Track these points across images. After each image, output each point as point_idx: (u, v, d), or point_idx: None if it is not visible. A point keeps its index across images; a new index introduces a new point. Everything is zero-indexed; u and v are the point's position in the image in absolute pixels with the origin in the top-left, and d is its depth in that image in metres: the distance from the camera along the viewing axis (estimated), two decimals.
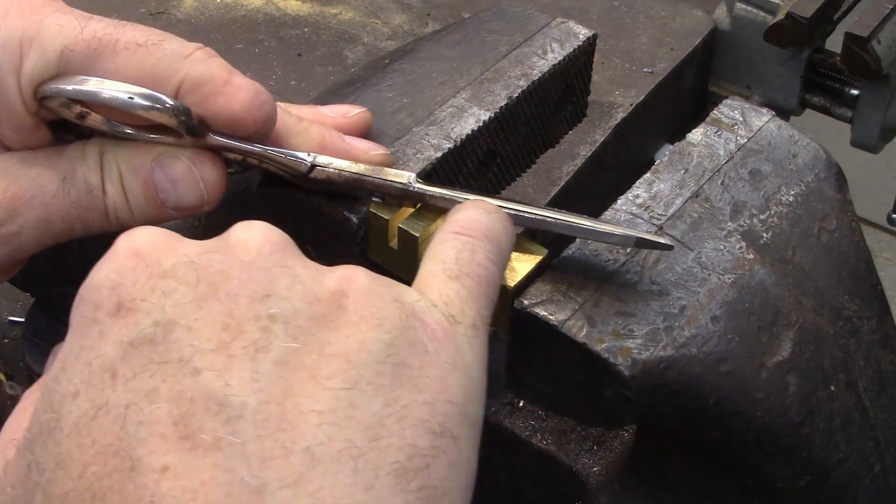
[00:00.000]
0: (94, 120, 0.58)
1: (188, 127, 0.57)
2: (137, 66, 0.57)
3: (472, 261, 0.52)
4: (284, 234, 0.49)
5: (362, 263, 0.62)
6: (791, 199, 0.65)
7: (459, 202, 0.59)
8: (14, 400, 0.97)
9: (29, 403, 0.50)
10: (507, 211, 0.59)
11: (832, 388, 0.62)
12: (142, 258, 0.46)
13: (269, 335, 0.44)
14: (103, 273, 0.46)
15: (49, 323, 0.96)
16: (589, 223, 0.58)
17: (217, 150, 0.60)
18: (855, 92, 0.96)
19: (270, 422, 0.42)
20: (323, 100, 0.69)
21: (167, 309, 0.45)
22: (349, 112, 0.65)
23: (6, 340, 1.01)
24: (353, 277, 0.47)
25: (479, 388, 0.48)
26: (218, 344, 0.44)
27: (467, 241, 0.53)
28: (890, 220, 1.08)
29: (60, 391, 0.44)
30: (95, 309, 0.46)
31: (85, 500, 0.41)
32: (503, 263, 0.54)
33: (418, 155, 0.64)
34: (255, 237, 0.48)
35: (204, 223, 0.70)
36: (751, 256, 0.61)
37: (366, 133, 0.65)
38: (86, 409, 0.43)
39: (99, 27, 0.58)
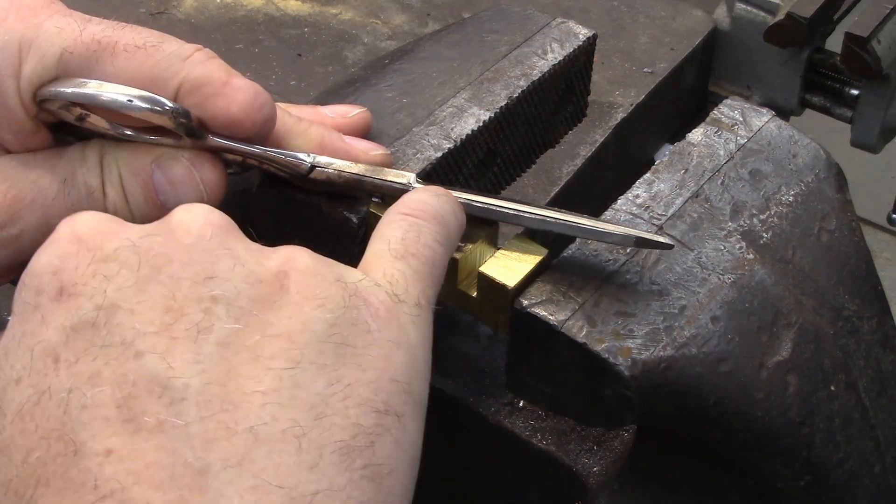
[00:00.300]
0: (94, 122, 0.58)
1: (187, 129, 0.57)
2: (136, 68, 0.57)
3: (418, 241, 0.52)
4: (226, 217, 0.49)
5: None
6: (791, 199, 0.65)
7: (459, 202, 0.59)
8: None
9: None
10: (507, 211, 0.59)
11: (832, 388, 0.62)
12: (83, 243, 0.46)
13: (211, 317, 0.44)
14: (45, 258, 0.47)
15: None
16: (589, 223, 0.58)
17: (217, 152, 0.60)
18: (855, 92, 0.96)
19: (213, 403, 0.43)
20: (323, 100, 0.69)
21: (109, 293, 0.45)
22: (349, 112, 0.65)
23: None
24: (295, 258, 0.48)
25: (423, 366, 0.48)
26: (160, 326, 0.44)
27: (413, 221, 0.53)
28: (890, 220, 1.08)
29: (3, 378, 0.44)
30: (37, 294, 0.46)
31: (29, 486, 0.41)
32: (450, 245, 0.55)
33: (418, 155, 0.64)
34: (196, 220, 0.48)
35: None
36: (751, 256, 0.61)
37: (366, 133, 0.65)
38: (28, 394, 0.43)
39: (98, 29, 0.58)
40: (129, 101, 0.57)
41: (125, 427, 0.42)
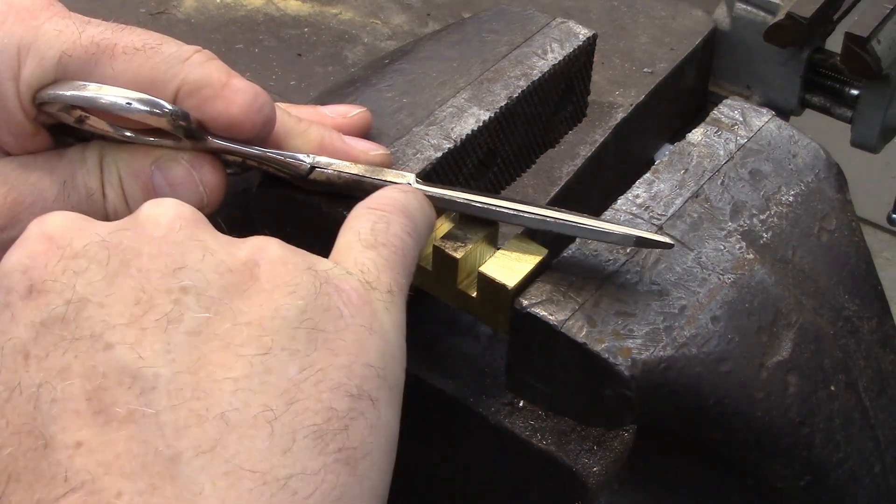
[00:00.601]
0: (94, 124, 0.58)
1: (187, 131, 0.57)
2: (135, 70, 0.57)
3: (388, 231, 0.53)
4: (195, 210, 0.49)
5: None
6: (791, 199, 0.65)
7: (459, 202, 0.59)
8: None
9: None
10: (507, 211, 0.59)
11: (832, 388, 0.62)
12: (53, 241, 0.47)
13: (181, 307, 0.45)
14: (15, 258, 0.47)
15: None
16: (588, 222, 0.58)
17: (216, 153, 0.60)
18: (855, 92, 0.96)
19: (184, 391, 0.43)
20: (323, 100, 0.69)
21: (78, 287, 0.45)
22: (349, 112, 0.65)
23: None
24: (265, 247, 0.48)
25: (397, 351, 0.49)
26: (130, 318, 0.44)
27: (381, 214, 0.54)
28: (890, 220, 1.08)
29: None
30: (7, 293, 0.46)
31: (1, 482, 0.42)
32: (419, 238, 0.55)
33: (418, 155, 0.64)
34: (165, 213, 0.48)
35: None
36: (751, 256, 0.61)
37: (366, 133, 0.65)
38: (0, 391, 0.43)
39: (97, 32, 0.58)
40: (127, 103, 0.57)
41: (95, 419, 0.42)
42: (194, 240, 0.47)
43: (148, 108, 0.57)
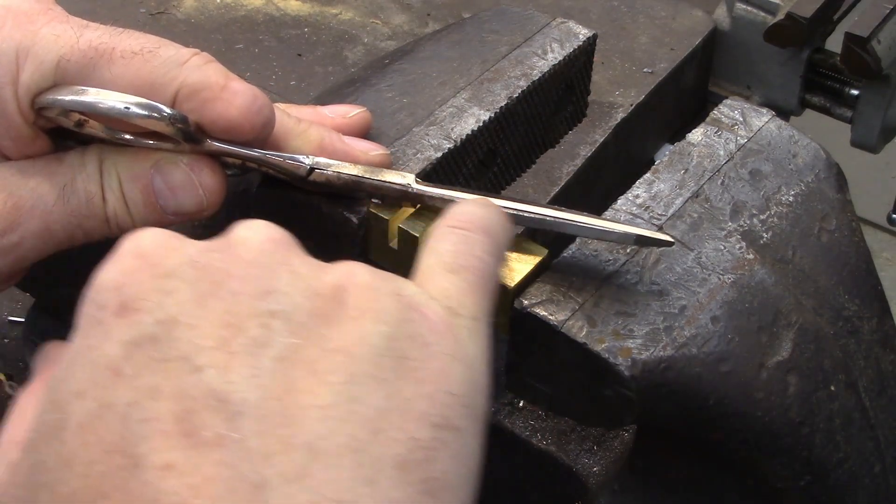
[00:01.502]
0: (93, 127, 0.58)
1: (185, 134, 0.57)
2: (134, 74, 0.57)
3: (470, 254, 0.52)
4: (286, 232, 0.49)
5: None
6: (791, 199, 0.65)
7: (459, 202, 0.59)
8: (14, 400, 0.97)
9: (27, 404, 0.50)
10: (507, 211, 0.59)
11: (832, 388, 0.62)
12: (145, 259, 0.47)
13: (269, 331, 0.44)
14: (108, 274, 0.47)
15: (49, 323, 0.96)
16: (588, 221, 0.58)
17: (216, 155, 0.60)
18: (855, 92, 0.96)
19: (271, 417, 0.42)
20: (323, 100, 0.69)
21: (169, 308, 0.45)
22: (349, 112, 0.65)
23: (6, 340, 1.01)
24: (353, 272, 0.47)
25: (481, 379, 0.48)
26: (219, 341, 0.44)
27: (463, 234, 0.53)
28: (890, 220, 1.08)
29: (65, 390, 0.44)
30: (100, 309, 0.46)
31: (90, 499, 0.41)
32: (501, 257, 0.54)
33: (418, 155, 0.64)
34: (256, 235, 0.48)
35: (204, 223, 0.70)
36: (751, 256, 0.61)
37: (366, 133, 0.65)
38: (91, 408, 0.43)
39: (95, 36, 0.58)
40: (125, 108, 0.56)
41: (184, 441, 0.41)
42: (283, 263, 0.47)
43: (146, 112, 0.56)
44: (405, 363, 0.45)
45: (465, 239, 0.52)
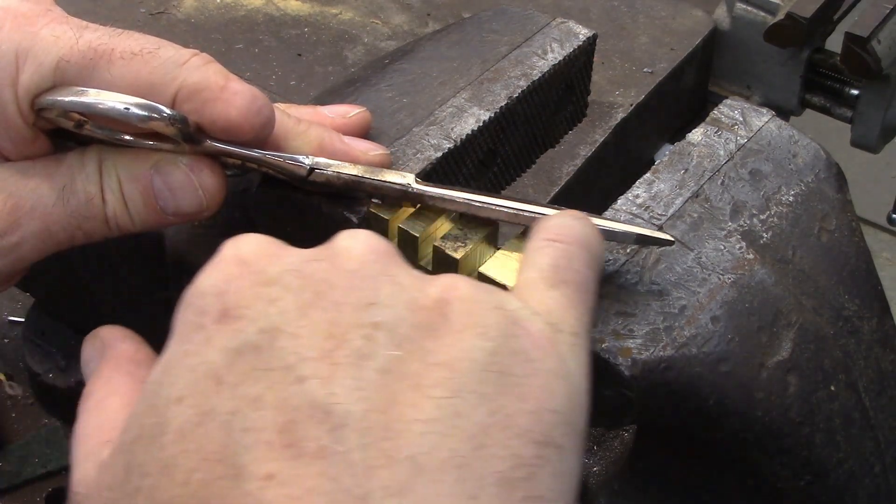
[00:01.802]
0: (92, 128, 0.58)
1: (185, 135, 0.57)
2: (133, 75, 0.57)
3: (570, 268, 0.51)
4: (388, 243, 0.49)
5: None
6: (791, 199, 0.65)
7: (459, 202, 0.59)
8: (14, 400, 0.97)
9: (108, 402, 0.50)
10: (507, 211, 0.59)
11: (832, 388, 0.62)
12: (247, 266, 0.46)
13: (372, 343, 0.44)
14: (210, 280, 0.47)
15: (49, 323, 0.96)
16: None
17: (215, 156, 0.60)
18: (855, 92, 0.96)
19: (374, 430, 0.42)
20: (323, 100, 0.69)
21: (272, 316, 0.44)
22: (348, 112, 0.65)
23: (6, 340, 1.01)
24: (456, 286, 0.47)
25: (582, 397, 0.47)
26: (322, 352, 0.43)
27: (562, 247, 0.52)
28: (890, 220, 1.08)
29: (164, 395, 0.44)
30: (201, 315, 0.45)
31: None
32: (599, 271, 0.54)
33: (418, 155, 0.64)
34: (358, 246, 0.48)
35: (204, 223, 0.70)
36: (751, 256, 0.61)
37: (366, 133, 0.65)
38: (190, 414, 0.43)
39: (94, 37, 0.57)
40: (125, 109, 0.56)
41: (286, 452, 0.41)
42: (387, 275, 0.47)
43: (146, 113, 0.56)
44: (508, 379, 0.44)
45: (564, 252, 0.52)
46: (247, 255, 0.47)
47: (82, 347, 0.55)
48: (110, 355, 0.53)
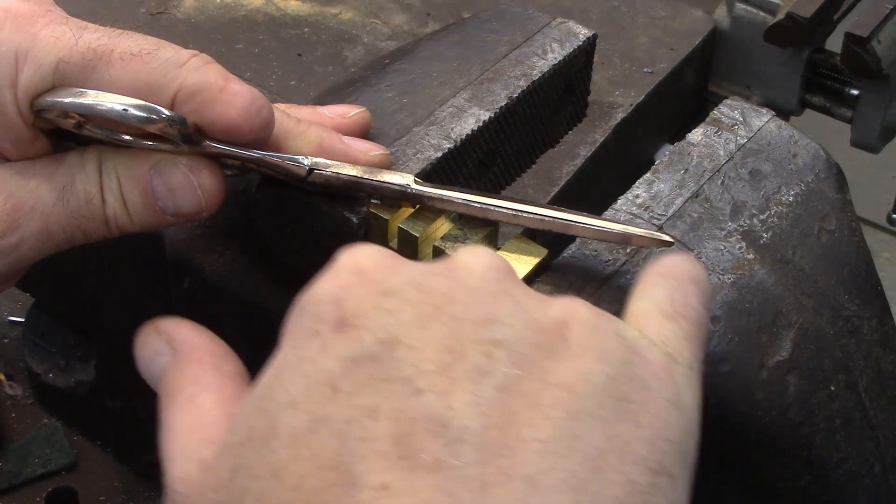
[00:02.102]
0: (91, 129, 0.58)
1: (184, 136, 0.57)
2: (133, 76, 0.57)
3: (686, 303, 0.51)
4: (507, 262, 0.49)
5: None
6: (791, 199, 0.65)
7: (459, 202, 0.59)
8: (14, 400, 0.97)
9: (197, 395, 0.49)
10: (507, 211, 0.59)
11: (832, 388, 0.62)
12: (365, 275, 0.46)
13: (491, 360, 0.44)
14: (327, 288, 0.46)
15: (49, 323, 0.96)
16: (588, 221, 0.58)
17: (215, 157, 0.60)
18: (855, 92, 0.96)
19: (491, 447, 0.42)
20: (323, 100, 0.69)
21: (390, 327, 0.44)
22: (348, 112, 0.65)
23: (6, 340, 1.01)
24: (575, 309, 0.47)
25: (694, 428, 0.48)
26: (440, 366, 0.43)
27: (676, 283, 0.52)
28: (890, 220, 1.08)
29: (276, 399, 0.44)
30: (317, 322, 0.45)
31: None
32: (709, 309, 0.54)
33: (418, 155, 0.64)
34: (479, 262, 0.47)
35: (204, 223, 0.70)
36: (751, 256, 0.61)
37: (365, 133, 0.65)
38: (304, 420, 0.42)
39: (94, 38, 0.57)
40: (124, 110, 0.56)
41: (401, 463, 0.41)
42: (507, 293, 0.46)
43: (145, 115, 0.56)
44: (625, 405, 0.44)
45: (679, 287, 0.52)
46: (364, 264, 0.47)
47: (141, 342, 0.54)
48: (188, 349, 0.52)
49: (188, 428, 0.49)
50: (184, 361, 0.52)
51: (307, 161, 0.60)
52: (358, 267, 0.47)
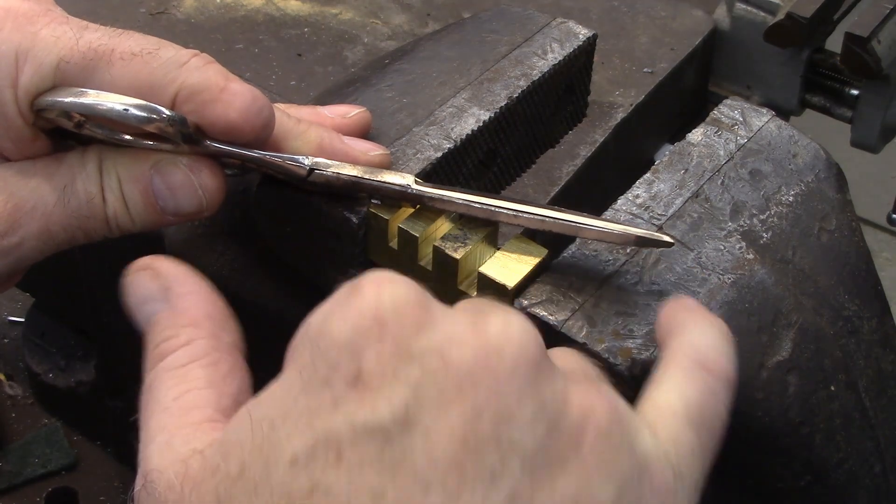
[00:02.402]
0: (92, 128, 0.58)
1: (185, 136, 0.57)
2: (133, 76, 0.57)
3: (714, 410, 0.50)
4: (538, 338, 0.46)
5: (363, 263, 0.62)
6: (791, 199, 0.65)
7: (459, 202, 0.59)
8: (14, 400, 0.97)
9: (188, 367, 0.48)
10: (507, 211, 0.59)
11: (832, 388, 0.62)
12: (387, 328, 0.44)
13: (505, 465, 0.42)
14: (344, 329, 0.44)
15: (49, 323, 0.96)
16: (588, 221, 0.58)
17: (215, 156, 0.60)
18: (855, 92, 0.96)
19: None
20: (323, 100, 0.69)
21: (409, 402, 0.42)
22: (348, 112, 0.65)
23: (6, 340, 1.01)
24: (594, 410, 0.45)
25: None
26: (453, 461, 0.42)
27: (713, 382, 0.50)
28: (890, 220, 1.08)
29: (277, 446, 0.43)
30: (331, 370, 0.43)
31: None
32: (729, 408, 0.52)
33: (418, 155, 0.64)
34: (511, 344, 0.44)
35: (204, 223, 0.70)
36: (751, 256, 0.61)
37: (365, 133, 0.65)
38: (303, 482, 0.41)
39: (94, 37, 0.57)
40: (125, 110, 0.56)
41: None
42: (533, 388, 0.44)
43: (145, 114, 0.56)
44: None
45: (713, 389, 0.50)
46: (388, 313, 0.44)
47: (133, 280, 0.52)
48: (185, 307, 0.51)
49: (175, 406, 0.47)
50: (179, 319, 0.50)
51: (307, 161, 0.60)
52: (379, 314, 0.44)
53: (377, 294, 0.45)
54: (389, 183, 0.60)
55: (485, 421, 0.43)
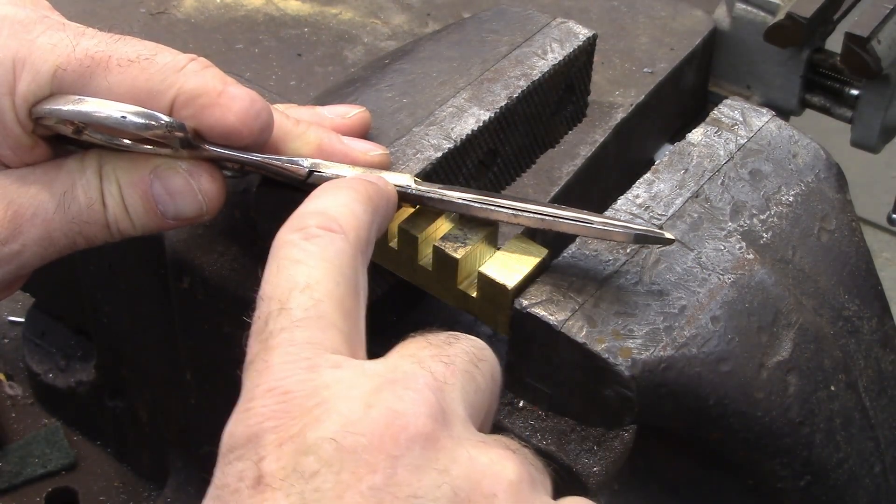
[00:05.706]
0: (91, 134, 0.58)
1: (183, 142, 0.57)
2: (131, 82, 0.57)
3: None
4: (442, 415, 0.46)
5: None
6: (791, 199, 0.65)
7: (459, 202, 0.59)
8: (14, 400, 0.97)
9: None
10: (507, 211, 0.59)
11: (832, 388, 0.62)
12: (288, 411, 0.44)
13: None
14: (244, 426, 0.45)
15: (49, 323, 0.96)
16: (588, 218, 0.58)
17: (215, 160, 0.60)
18: (855, 92, 0.96)
19: None
20: (323, 100, 0.69)
21: (306, 494, 0.43)
22: (348, 112, 0.65)
23: (6, 340, 1.01)
24: (499, 477, 0.45)
25: None
26: None
27: None
28: (890, 220, 1.08)
29: None
30: (238, 478, 0.44)
31: None
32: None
33: (418, 155, 0.64)
34: (403, 425, 0.45)
35: (205, 225, 0.70)
36: (751, 256, 0.61)
37: (365, 133, 0.65)
38: None
39: (91, 44, 0.57)
40: (123, 117, 0.56)
41: None
42: (433, 460, 0.44)
43: (143, 121, 0.56)
44: None
45: None
46: (278, 402, 0.45)
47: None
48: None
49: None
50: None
51: (307, 163, 0.60)
52: (281, 393, 0.45)
53: (269, 384, 0.46)
54: None
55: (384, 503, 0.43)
